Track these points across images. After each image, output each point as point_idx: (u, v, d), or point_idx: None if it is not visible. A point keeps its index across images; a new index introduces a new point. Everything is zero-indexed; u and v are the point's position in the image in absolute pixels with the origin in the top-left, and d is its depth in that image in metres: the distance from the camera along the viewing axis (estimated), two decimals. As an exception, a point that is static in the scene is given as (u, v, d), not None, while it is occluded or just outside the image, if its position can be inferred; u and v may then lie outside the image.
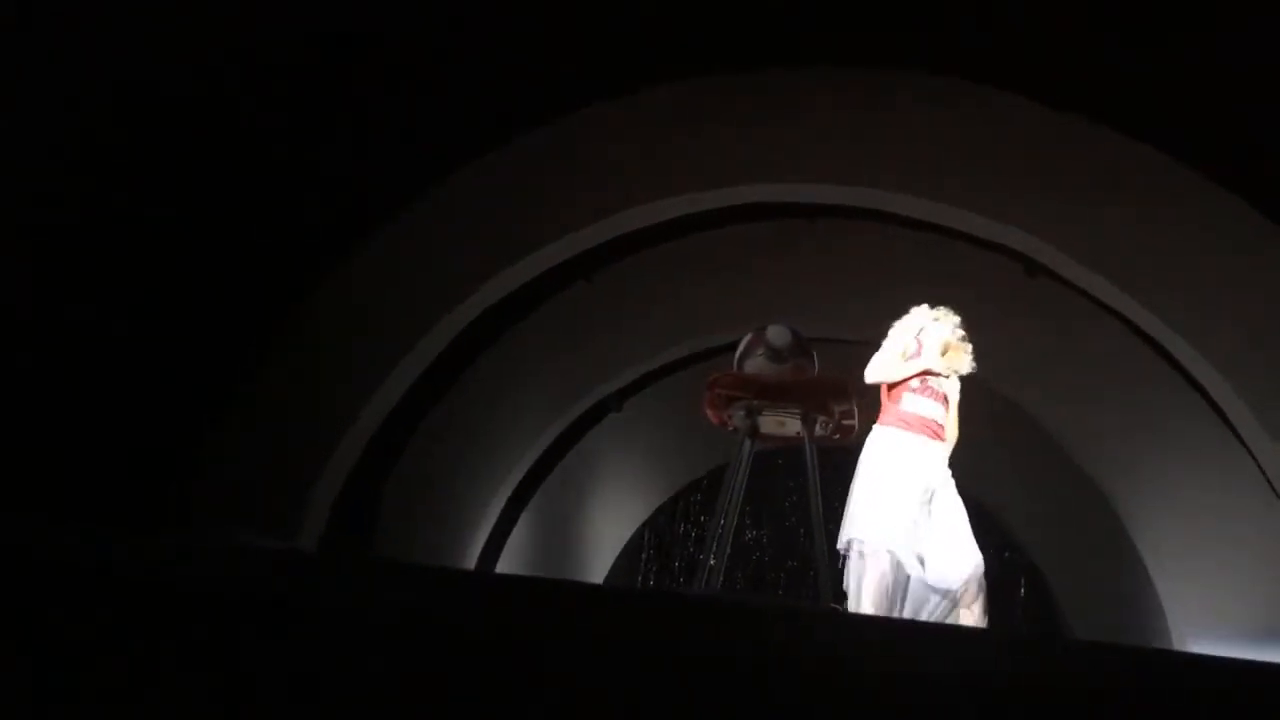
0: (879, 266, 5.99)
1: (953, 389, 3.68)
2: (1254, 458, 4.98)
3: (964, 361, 3.70)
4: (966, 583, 3.39)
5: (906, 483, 3.43)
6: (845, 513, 3.51)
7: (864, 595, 3.37)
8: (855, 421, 3.33)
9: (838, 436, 3.38)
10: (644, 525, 7.61)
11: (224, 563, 2.22)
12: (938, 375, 3.62)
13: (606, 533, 7.41)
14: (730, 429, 3.39)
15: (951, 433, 3.65)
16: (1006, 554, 7.29)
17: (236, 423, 5.21)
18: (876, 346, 3.64)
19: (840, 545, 3.51)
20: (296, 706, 1.85)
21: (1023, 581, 7.26)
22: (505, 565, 6.39)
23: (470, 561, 6.09)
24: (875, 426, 3.57)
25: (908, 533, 3.38)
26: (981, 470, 7.15)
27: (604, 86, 5.19)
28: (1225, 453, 5.21)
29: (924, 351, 3.63)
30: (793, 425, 3.28)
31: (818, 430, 3.28)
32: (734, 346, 3.46)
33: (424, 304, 5.44)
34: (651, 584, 7.43)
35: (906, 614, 3.36)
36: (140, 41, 4.16)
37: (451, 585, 2.62)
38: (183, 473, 5.07)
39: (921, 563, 3.38)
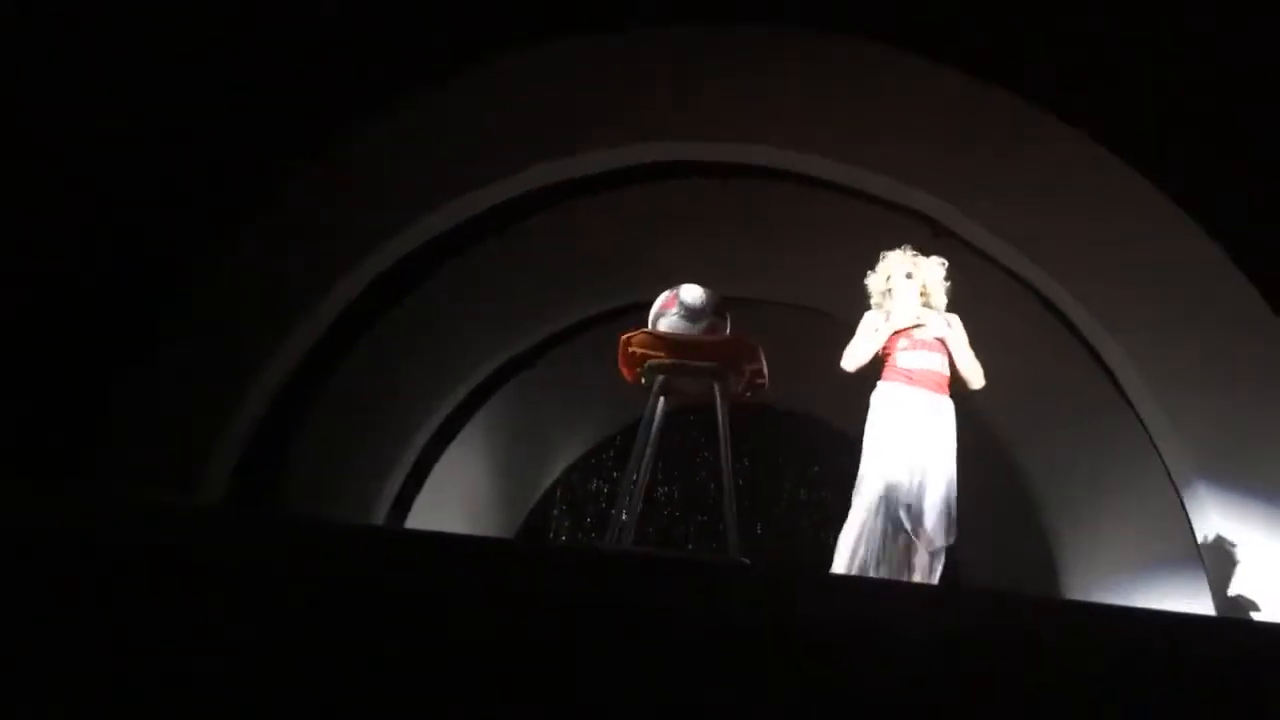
0: (791, 227, 6.06)
1: (950, 331, 3.66)
2: (1138, 416, 5.21)
3: (939, 296, 3.68)
4: (943, 545, 3.46)
5: (907, 436, 3.48)
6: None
7: (839, 545, 3.47)
8: (766, 380, 3.39)
9: (749, 395, 3.43)
10: (556, 483, 7.64)
11: (123, 519, 2.18)
12: (918, 326, 3.60)
13: (518, 490, 7.42)
14: (643, 386, 3.41)
15: (967, 373, 3.62)
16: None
17: (139, 376, 5.05)
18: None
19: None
20: (197, 660, 1.83)
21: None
22: (414, 523, 6.35)
23: (378, 519, 6.04)
24: (879, 382, 3.65)
25: (904, 488, 3.43)
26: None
27: (512, 38, 5.12)
28: (1114, 409, 5.44)
29: (894, 310, 3.65)
30: (705, 384, 3.32)
31: (729, 389, 3.32)
32: (647, 305, 3.47)
33: (330, 257, 5.34)
34: (563, 540, 7.48)
35: (883, 569, 3.39)
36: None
37: (358, 540, 2.61)
38: (85, 430, 4.92)
39: (916, 520, 3.42)
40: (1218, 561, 4.71)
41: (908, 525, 3.43)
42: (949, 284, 3.75)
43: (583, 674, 1.86)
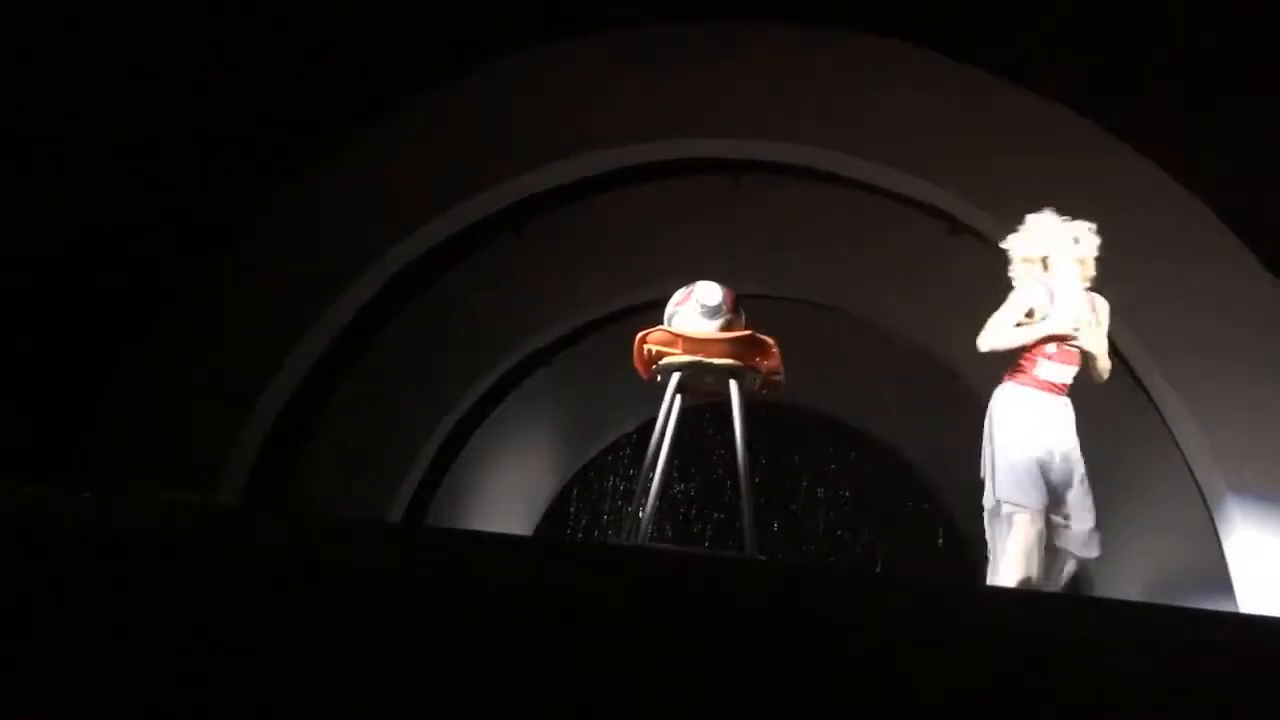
0: (806, 223, 6.05)
1: (1101, 312, 3.38)
2: (1153, 403, 5.14)
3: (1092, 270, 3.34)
4: (1092, 544, 3.29)
5: (1042, 444, 3.27)
6: (988, 471, 3.35)
7: (1008, 559, 3.21)
8: (782, 378, 3.37)
9: (765, 392, 3.42)
10: (572, 479, 7.65)
11: (141, 515, 2.18)
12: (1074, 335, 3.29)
13: (535, 487, 7.43)
14: (659, 384, 3.40)
15: (1102, 369, 3.36)
16: (925, 505, 7.51)
17: (156, 373, 5.09)
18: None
19: (987, 503, 3.35)
20: (216, 658, 1.84)
21: (940, 531, 7.48)
22: (433, 520, 6.37)
23: (396, 516, 6.06)
24: (1005, 381, 3.38)
25: (1047, 496, 3.24)
26: (905, 427, 7.36)
27: (524, 37, 5.13)
28: (1138, 410, 5.38)
29: (1056, 304, 3.30)
30: (721, 381, 3.31)
31: (745, 386, 3.31)
32: (663, 302, 3.47)
33: (350, 254, 5.36)
34: (579, 537, 7.49)
35: (1045, 580, 3.22)
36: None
37: (379, 537, 2.61)
38: (99, 427, 4.96)
39: (1064, 528, 3.27)
40: (1246, 571, 4.66)
41: (1060, 540, 3.28)
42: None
43: (598, 668, 1.86)
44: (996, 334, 3.36)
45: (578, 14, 5.17)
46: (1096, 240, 3.41)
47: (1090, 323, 3.36)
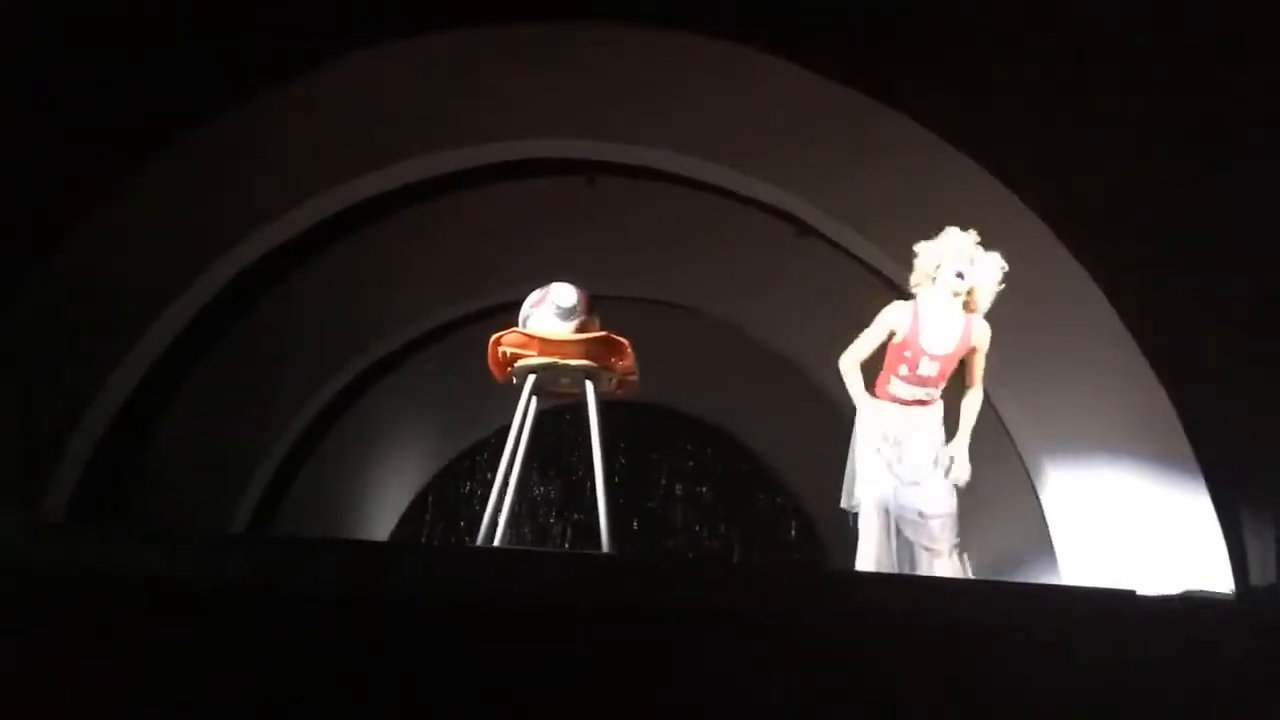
0: (658, 225, 6.13)
1: (977, 339, 3.46)
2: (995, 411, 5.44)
3: (985, 301, 3.42)
4: (944, 533, 3.42)
5: (897, 451, 3.44)
6: (846, 475, 3.53)
7: (860, 553, 3.41)
8: (636, 378, 3.42)
9: (620, 392, 3.46)
10: (428, 486, 7.53)
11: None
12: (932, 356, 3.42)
13: (389, 494, 7.28)
14: (515, 386, 3.39)
15: (973, 402, 3.48)
16: (778, 499, 7.73)
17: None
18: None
19: (844, 505, 3.53)
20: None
21: (793, 524, 7.71)
22: (279, 531, 6.16)
23: (241, 526, 5.83)
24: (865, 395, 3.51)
25: (900, 492, 3.41)
26: (755, 423, 7.55)
27: (371, 33, 5.01)
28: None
29: (919, 328, 3.41)
30: (576, 382, 3.32)
31: (601, 387, 3.34)
32: (518, 305, 3.46)
33: (183, 259, 5.13)
34: (435, 543, 7.37)
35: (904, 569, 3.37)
36: None
37: (222, 548, 2.53)
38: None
39: (917, 518, 3.41)
40: (1070, 547, 4.98)
41: (914, 535, 3.44)
42: (1000, 289, 3.47)
43: (453, 666, 1.85)
44: (847, 361, 3.53)
45: (427, 12, 5.08)
46: (997, 272, 3.45)
47: (949, 351, 3.47)
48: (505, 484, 3.29)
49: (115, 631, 1.85)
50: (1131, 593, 2.29)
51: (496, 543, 3.26)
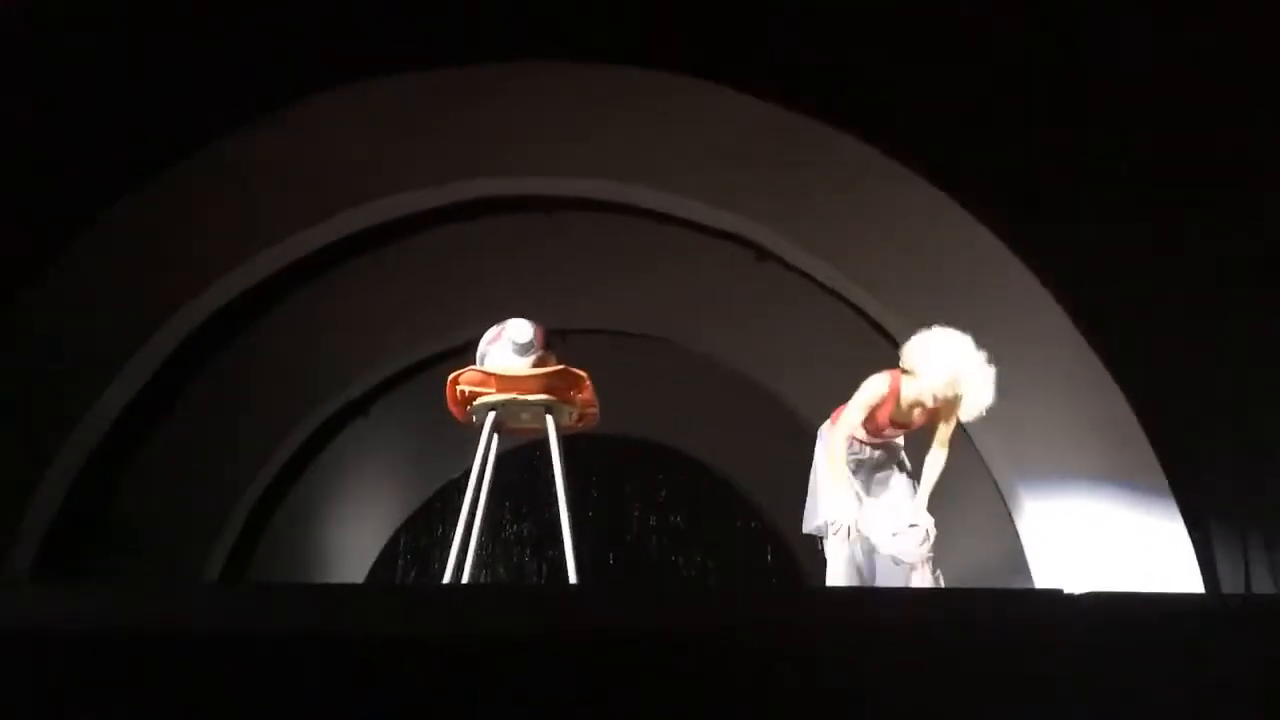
0: (618, 257, 6.16)
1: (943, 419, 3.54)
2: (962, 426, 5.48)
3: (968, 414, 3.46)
4: (919, 552, 3.46)
5: (861, 476, 3.57)
6: (808, 501, 3.63)
7: (835, 574, 3.50)
8: (596, 410, 3.41)
9: (581, 425, 3.45)
10: (399, 530, 7.46)
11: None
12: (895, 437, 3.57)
13: (361, 540, 7.20)
14: (476, 424, 3.38)
15: (936, 461, 3.56)
16: (753, 524, 7.72)
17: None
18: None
19: (806, 529, 3.64)
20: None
21: (768, 548, 7.70)
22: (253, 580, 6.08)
23: (212, 577, 5.75)
24: (825, 424, 3.66)
25: (865, 512, 3.48)
26: (725, 449, 7.55)
27: (319, 80, 5.03)
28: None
29: (899, 400, 3.49)
30: (537, 417, 3.32)
31: (561, 420, 3.33)
32: (477, 343, 3.45)
33: (145, 307, 5.10)
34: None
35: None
36: None
37: (191, 598, 2.49)
38: None
39: (890, 537, 3.45)
40: (1044, 564, 5.01)
41: (885, 549, 3.49)
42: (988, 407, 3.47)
43: (428, 705, 1.83)
44: (833, 440, 3.55)
45: (376, 58, 5.11)
46: (983, 403, 3.47)
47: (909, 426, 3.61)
48: (470, 522, 3.27)
49: (86, 687, 1.82)
50: (1058, 592, 2.33)
51: (464, 581, 3.23)
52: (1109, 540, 4.87)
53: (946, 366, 3.41)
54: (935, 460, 3.62)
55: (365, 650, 1.92)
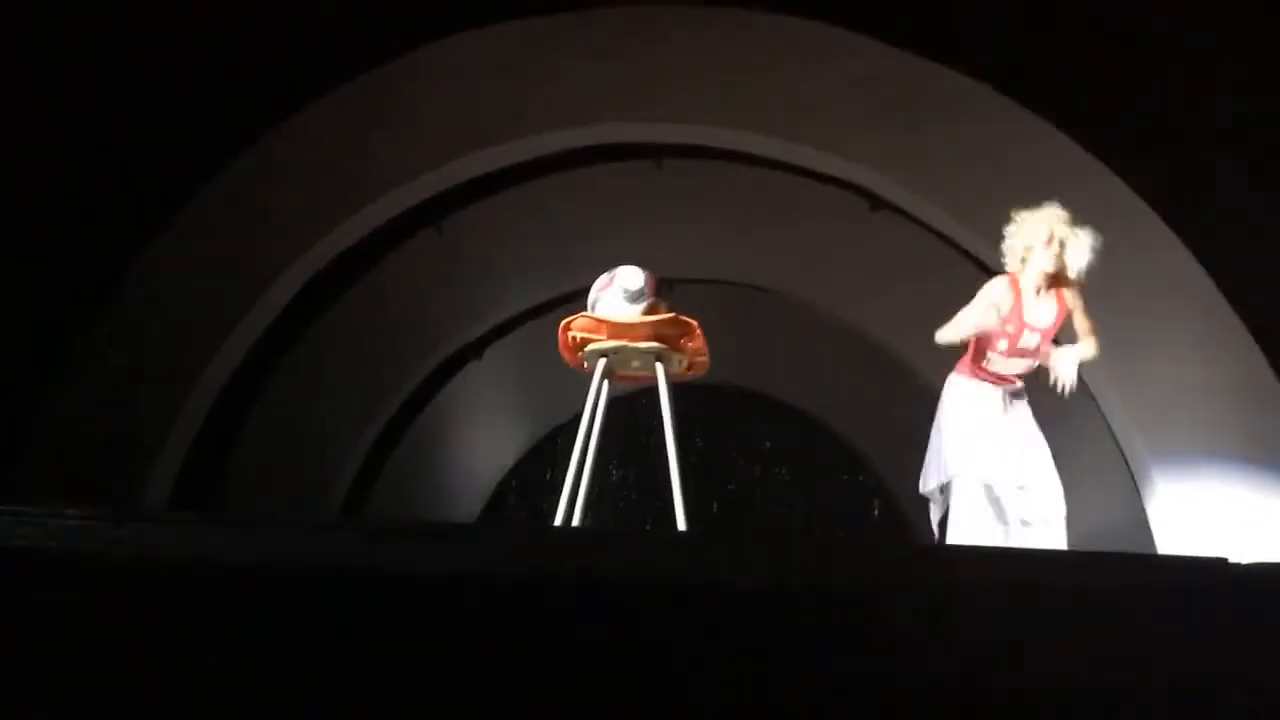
0: (729, 205, 6.08)
1: (1072, 302, 3.42)
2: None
3: (1076, 265, 3.36)
4: (1052, 512, 3.38)
5: (989, 425, 3.42)
6: (927, 458, 3.52)
7: (968, 528, 3.35)
8: (706, 359, 3.39)
9: (691, 374, 3.44)
10: (510, 472, 7.62)
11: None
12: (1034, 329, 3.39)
13: (471, 482, 7.39)
14: (587, 370, 3.40)
15: (1089, 346, 3.40)
16: (860, 478, 7.63)
17: (72, 388, 4.95)
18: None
19: (925, 489, 3.54)
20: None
21: (875, 503, 7.61)
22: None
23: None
24: (952, 374, 3.54)
25: (998, 466, 3.38)
26: (832, 399, 7.46)
27: (438, 27, 5.07)
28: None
29: (1023, 304, 3.40)
30: (647, 365, 3.32)
31: (671, 368, 3.33)
32: (589, 290, 3.46)
33: (268, 254, 5.28)
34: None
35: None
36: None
37: (321, 531, 2.59)
38: (15, 443, 4.83)
39: (1018, 499, 3.36)
40: (1166, 529, 4.81)
41: (1014, 508, 3.38)
42: (1092, 261, 3.41)
43: (537, 646, 1.87)
44: (951, 329, 3.46)
45: (492, 3, 5.13)
46: (1088, 252, 3.41)
47: (1044, 327, 3.44)
48: (580, 468, 3.31)
49: (208, 618, 1.90)
50: (1223, 560, 2.20)
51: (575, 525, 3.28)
52: (1240, 512, 4.64)
53: (1042, 214, 3.43)
54: (1087, 350, 3.45)
55: (475, 589, 1.96)
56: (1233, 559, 2.19)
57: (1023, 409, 3.52)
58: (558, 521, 3.24)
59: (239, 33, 4.79)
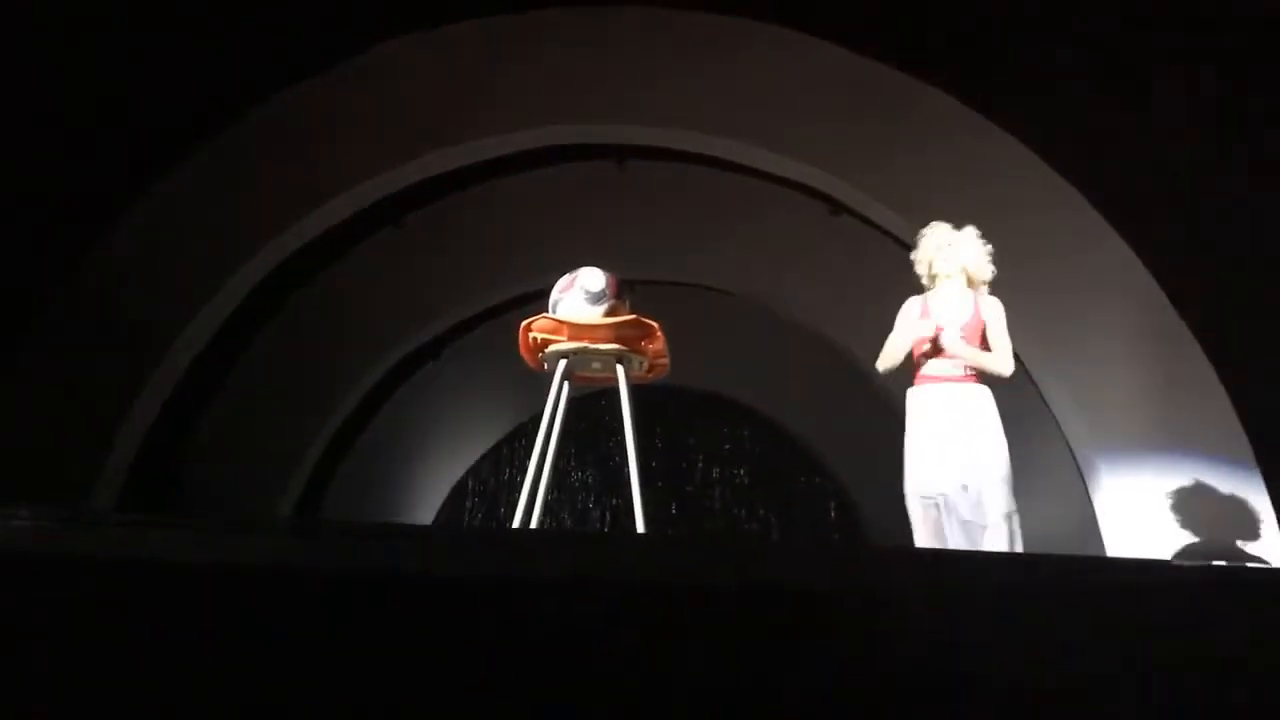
0: (690, 207, 6.10)
1: (987, 311, 3.61)
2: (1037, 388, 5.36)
3: (982, 272, 3.63)
4: (997, 518, 3.42)
5: (937, 432, 3.50)
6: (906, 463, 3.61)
7: (918, 540, 3.48)
8: (667, 361, 3.39)
9: (651, 375, 3.44)
10: (468, 473, 7.58)
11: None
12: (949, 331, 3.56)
13: (429, 483, 7.34)
14: (547, 372, 3.39)
15: (997, 358, 3.54)
16: (817, 480, 7.69)
17: (10, 389, 4.84)
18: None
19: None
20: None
21: (831, 505, 7.67)
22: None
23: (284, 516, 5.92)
24: (909, 388, 3.63)
25: (947, 477, 3.44)
26: (791, 403, 7.51)
27: (397, 25, 5.04)
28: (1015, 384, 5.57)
29: (930, 314, 3.62)
30: (608, 366, 3.31)
31: (632, 370, 3.32)
32: (549, 291, 3.45)
33: (222, 251, 5.20)
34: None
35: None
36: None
37: (269, 533, 2.55)
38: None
39: (963, 499, 3.43)
40: (1113, 525, 4.90)
41: (959, 510, 3.45)
42: (988, 255, 3.69)
43: (491, 649, 1.86)
44: (882, 356, 3.71)
45: (451, 2, 5.10)
46: (975, 247, 3.71)
47: (962, 325, 3.60)
48: (540, 468, 3.29)
49: (157, 620, 1.87)
50: (1165, 563, 2.25)
51: (533, 526, 3.27)
52: (1188, 512, 4.74)
53: (932, 228, 3.78)
54: (982, 358, 3.59)
55: (431, 591, 1.95)
56: (1175, 561, 2.24)
57: (978, 405, 3.56)
58: (516, 523, 3.23)
59: (196, 28, 4.72)
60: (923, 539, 3.49)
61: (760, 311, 6.63)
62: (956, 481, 3.45)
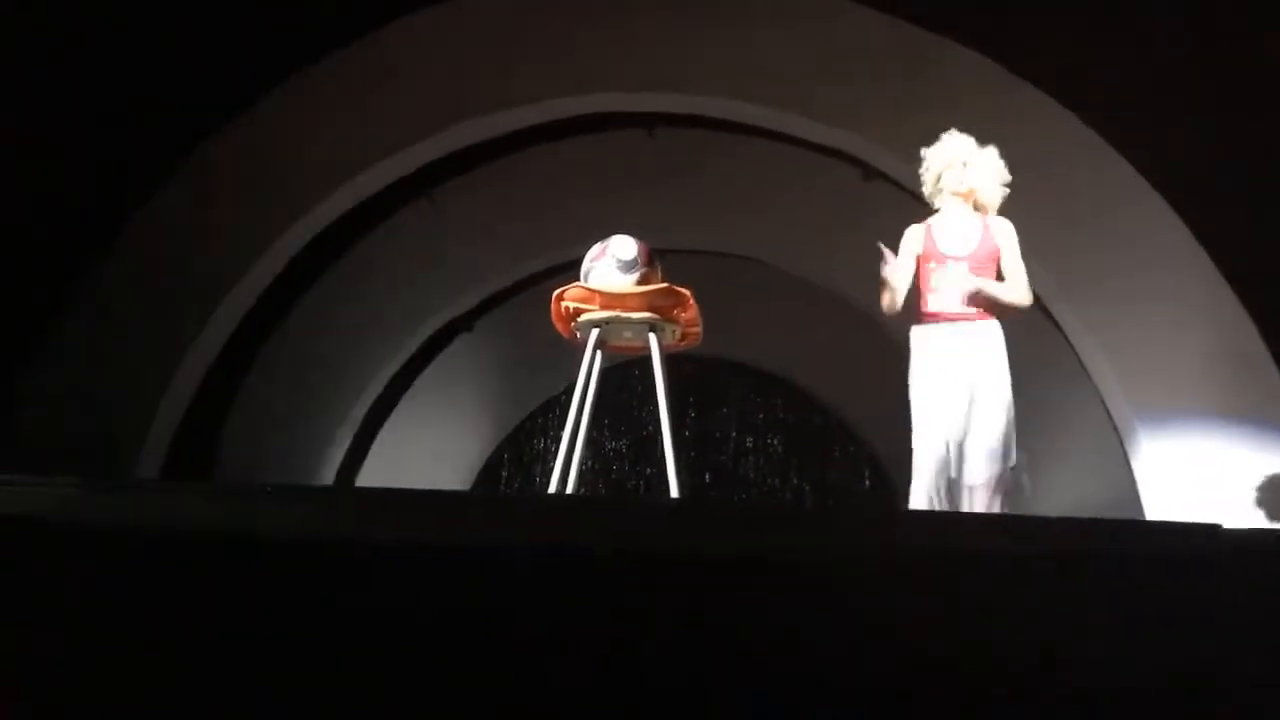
0: (721, 175, 6.06)
1: (1000, 235, 3.34)
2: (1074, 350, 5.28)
3: (993, 196, 3.35)
4: (988, 479, 3.26)
5: (941, 379, 3.29)
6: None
7: (912, 488, 3.31)
8: (699, 329, 3.39)
9: (684, 344, 3.44)
10: (503, 443, 7.63)
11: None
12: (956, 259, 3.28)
13: (465, 452, 7.40)
14: (580, 341, 3.40)
15: (1014, 289, 3.29)
16: (851, 449, 7.67)
17: (58, 356, 4.94)
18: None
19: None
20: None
21: (866, 474, 7.65)
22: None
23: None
24: (912, 328, 3.41)
25: (949, 428, 3.26)
26: (824, 372, 7.48)
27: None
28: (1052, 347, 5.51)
29: (934, 237, 3.35)
30: (640, 335, 3.31)
31: (664, 339, 3.32)
32: (581, 260, 3.45)
33: (257, 224, 5.25)
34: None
35: (947, 504, 3.26)
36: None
37: (314, 501, 2.59)
38: (15, 407, 4.82)
39: (962, 456, 3.27)
40: (1153, 490, 4.84)
41: (956, 469, 3.29)
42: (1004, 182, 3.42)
43: (528, 615, 1.88)
44: (885, 296, 3.46)
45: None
46: (994, 170, 3.45)
47: (971, 254, 3.37)
48: (574, 437, 3.31)
49: (194, 587, 1.90)
50: (1216, 526, 2.22)
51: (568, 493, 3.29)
52: (1230, 480, 4.67)
53: (946, 139, 3.50)
54: (999, 289, 3.36)
55: (465, 557, 1.97)
56: (1225, 525, 2.21)
57: (986, 348, 3.35)
58: (551, 489, 3.25)
59: (216, 7, 4.75)
60: (920, 485, 3.32)
61: (793, 279, 6.59)
62: (962, 431, 3.29)
